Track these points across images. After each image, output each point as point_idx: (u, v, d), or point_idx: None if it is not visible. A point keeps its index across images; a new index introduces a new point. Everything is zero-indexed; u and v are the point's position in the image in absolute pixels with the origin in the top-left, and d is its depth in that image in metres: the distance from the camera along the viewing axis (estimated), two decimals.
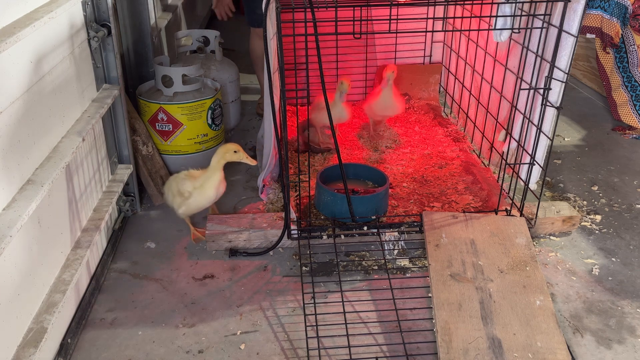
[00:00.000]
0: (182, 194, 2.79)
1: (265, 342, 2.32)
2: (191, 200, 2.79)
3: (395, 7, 3.21)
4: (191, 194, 2.78)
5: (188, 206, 2.82)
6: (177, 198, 2.82)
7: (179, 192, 2.80)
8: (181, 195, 2.80)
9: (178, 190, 2.80)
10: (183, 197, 2.79)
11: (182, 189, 2.79)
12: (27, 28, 1.93)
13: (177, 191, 2.81)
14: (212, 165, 2.78)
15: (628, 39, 4.19)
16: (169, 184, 2.89)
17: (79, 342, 2.32)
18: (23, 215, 1.81)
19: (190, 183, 2.78)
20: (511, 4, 2.78)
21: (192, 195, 2.78)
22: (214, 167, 2.77)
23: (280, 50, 2.46)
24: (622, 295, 2.60)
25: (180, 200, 2.81)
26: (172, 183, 2.86)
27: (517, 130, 3.05)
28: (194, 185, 2.77)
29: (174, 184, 2.84)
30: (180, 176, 2.85)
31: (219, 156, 2.76)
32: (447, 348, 2.19)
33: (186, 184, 2.79)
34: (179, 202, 2.82)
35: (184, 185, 2.79)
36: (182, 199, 2.80)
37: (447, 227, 2.78)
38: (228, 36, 6.08)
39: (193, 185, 2.77)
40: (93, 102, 2.63)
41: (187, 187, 2.78)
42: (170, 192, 2.86)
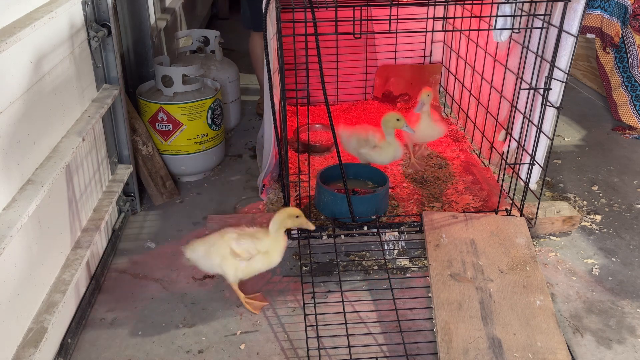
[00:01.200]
0: (241, 255, 2.39)
1: (265, 342, 2.32)
2: (254, 263, 2.41)
3: (395, 7, 3.21)
4: (254, 256, 2.40)
5: (249, 269, 2.42)
6: (230, 260, 2.39)
7: (233, 253, 2.39)
8: (238, 256, 2.39)
9: (233, 251, 2.38)
10: (242, 258, 2.39)
11: (242, 249, 2.38)
12: (27, 28, 1.93)
13: (229, 252, 2.39)
14: (274, 232, 2.42)
15: (628, 39, 4.19)
16: (211, 246, 2.42)
17: (79, 342, 2.32)
18: (23, 215, 1.81)
19: (253, 244, 2.40)
20: (511, 4, 2.78)
21: (254, 258, 2.41)
22: (278, 233, 2.43)
23: (280, 50, 2.46)
24: (622, 295, 2.60)
25: (237, 263, 2.40)
26: (217, 243, 2.41)
27: (517, 130, 3.05)
28: (258, 248, 2.41)
29: (222, 244, 2.40)
30: (230, 236, 2.42)
31: (280, 222, 2.41)
32: (447, 348, 2.19)
33: (247, 244, 2.39)
34: (233, 264, 2.39)
35: (246, 245, 2.39)
36: (239, 261, 2.40)
37: (447, 227, 2.78)
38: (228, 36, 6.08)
39: (257, 248, 2.40)
40: (93, 102, 2.63)
41: (251, 249, 2.39)
42: (217, 255, 2.40)
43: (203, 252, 2.43)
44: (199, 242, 2.46)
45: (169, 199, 3.27)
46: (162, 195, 3.24)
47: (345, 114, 4.18)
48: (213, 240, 2.44)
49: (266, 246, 2.42)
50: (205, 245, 2.43)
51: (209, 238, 2.46)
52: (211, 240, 2.45)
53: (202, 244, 2.44)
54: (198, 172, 3.48)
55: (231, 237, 2.41)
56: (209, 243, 2.44)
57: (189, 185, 3.44)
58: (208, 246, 2.43)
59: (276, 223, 2.42)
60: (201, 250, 2.43)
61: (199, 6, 6.12)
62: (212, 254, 2.41)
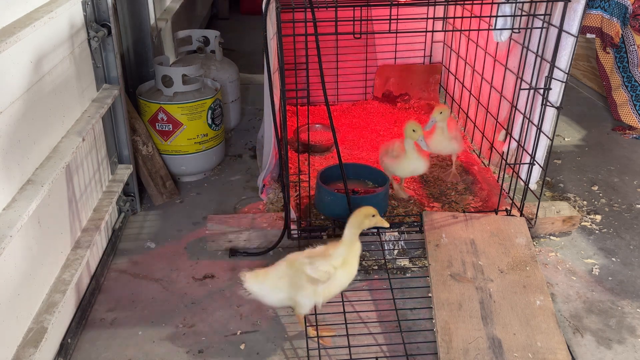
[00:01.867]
0: (320, 279, 2.14)
1: (265, 342, 2.32)
2: (334, 281, 2.17)
3: (395, 7, 3.21)
4: (331, 275, 2.16)
5: (329, 290, 2.18)
6: (308, 288, 2.15)
7: (311, 280, 2.14)
8: (316, 281, 2.14)
9: (310, 278, 2.13)
10: (319, 282, 2.15)
11: (320, 272, 2.13)
12: (27, 28, 1.93)
13: (305, 280, 2.14)
14: (349, 237, 2.20)
15: (628, 39, 4.19)
16: (279, 278, 2.17)
17: (79, 342, 2.32)
18: (23, 215, 1.81)
19: (328, 262, 2.17)
20: (511, 4, 2.78)
21: (333, 275, 2.17)
22: (352, 238, 2.21)
23: (280, 50, 2.46)
24: (622, 295, 2.60)
25: (313, 289, 2.15)
26: (287, 274, 2.17)
27: (517, 130, 3.05)
28: (334, 264, 2.17)
29: (294, 273, 2.16)
30: (301, 262, 2.17)
31: (357, 224, 2.20)
32: (447, 348, 2.19)
33: (322, 264, 2.15)
34: (310, 292, 2.15)
35: (322, 266, 2.14)
36: (316, 286, 2.16)
37: (447, 227, 2.78)
38: (228, 36, 6.08)
39: (333, 265, 2.17)
40: (93, 102, 2.63)
41: (328, 268, 2.15)
42: (290, 287, 2.16)
43: (270, 285, 2.17)
44: (263, 274, 2.19)
45: (169, 199, 3.27)
46: (162, 195, 3.24)
47: (345, 114, 4.18)
48: (281, 272, 2.18)
49: (341, 258, 2.19)
50: (272, 279, 2.17)
51: (275, 269, 2.20)
52: (278, 271, 2.19)
53: (269, 277, 2.18)
54: (198, 172, 3.48)
55: (303, 263, 2.16)
56: (276, 275, 2.18)
57: (189, 185, 3.44)
58: (276, 279, 2.17)
59: (354, 226, 2.20)
60: (268, 284, 2.17)
61: (199, 6, 6.12)
62: (283, 286, 2.16)
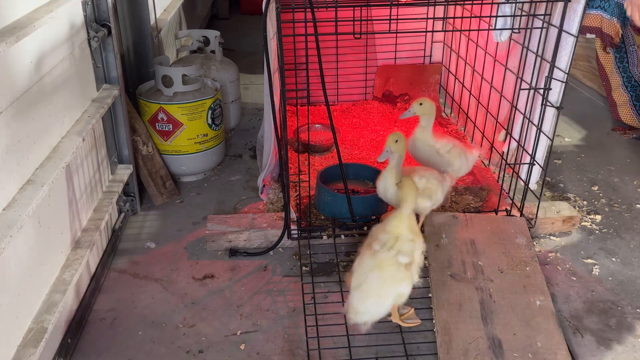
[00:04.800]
0: (414, 259, 2.10)
1: (265, 342, 2.32)
2: (416, 257, 2.13)
3: (395, 7, 3.21)
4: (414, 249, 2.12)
5: (418, 264, 2.13)
6: (406, 278, 2.08)
7: (406, 267, 2.08)
8: (411, 265, 2.09)
9: (404, 265, 2.07)
10: (413, 262, 2.10)
11: (408, 253, 2.09)
12: (27, 28, 1.93)
13: (401, 271, 2.07)
14: (407, 211, 2.15)
15: (628, 39, 4.19)
16: (373, 289, 2.04)
17: (79, 342, 2.32)
18: (23, 215, 1.81)
19: (407, 240, 2.12)
20: (511, 4, 2.78)
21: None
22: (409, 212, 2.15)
23: (280, 50, 2.46)
24: (622, 295, 2.60)
25: (410, 272, 2.10)
26: (384, 276, 2.05)
27: (517, 130, 3.05)
28: (409, 238, 2.13)
29: (390, 271, 2.05)
30: (387, 256, 2.07)
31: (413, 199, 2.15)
32: (447, 348, 2.19)
33: (406, 244, 2.10)
34: (408, 279, 2.09)
35: (407, 246, 2.10)
36: (411, 268, 2.10)
37: (447, 227, 2.78)
38: (228, 36, 6.09)
39: (410, 239, 2.13)
40: (93, 102, 2.63)
41: (408, 246, 2.11)
42: (391, 286, 2.07)
43: (375, 299, 2.04)
44: (360, 295, 2.04)
45: (169, 199, 3.27)
46: (162, 195, 3.24)
47: (345, 114, 4.18)
48: (373, 281, 2.04)
49: (409, 232, 2.13)
50: (368, 292, 2.04)
51: (363, 283, 2.04)
52: (371, 282, 2.04)
53: (365, 292, 2.04)
54: (198, 172, 3.48)
55: (390, 256, 2.06)
56: (370, 287, 2.04)
57: (189, 185, 3.44)
58: (372, 293, 2.04)
59: (411, 201, 2.14)
60: (372, 301, 2.04)
61: (199, 6, 6.12)
62: (387, 292, 2.05)
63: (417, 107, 2.76)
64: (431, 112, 2.78)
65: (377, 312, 2.08)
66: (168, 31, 4.40)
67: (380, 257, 2.08)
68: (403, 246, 2.09)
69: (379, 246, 2.10)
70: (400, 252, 2.08)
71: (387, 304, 2.09)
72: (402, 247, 2.09)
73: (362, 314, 2.06)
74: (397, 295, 2.09)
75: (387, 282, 2.05)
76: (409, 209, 2.15)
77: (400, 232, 2.12)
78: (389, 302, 2.09)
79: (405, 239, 2.12)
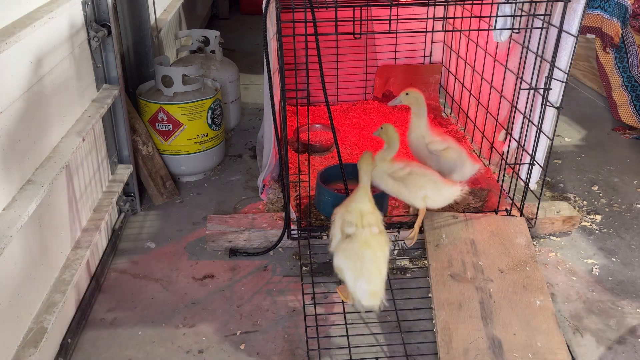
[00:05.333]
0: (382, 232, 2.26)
1: (265, 342, 2.32)
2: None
3: (395, 7, 3.21)
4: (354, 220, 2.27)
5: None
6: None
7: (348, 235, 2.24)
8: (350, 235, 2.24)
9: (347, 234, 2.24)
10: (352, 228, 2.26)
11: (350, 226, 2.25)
12: (27, 28, 1.93)
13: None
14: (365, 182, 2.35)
15: (628, 39, 4.19)
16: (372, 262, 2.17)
17: (79, 342, 2.32)
18: (23, 215, 1.81)
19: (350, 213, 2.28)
20: (511, 4, 2.78)
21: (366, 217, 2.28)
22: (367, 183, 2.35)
23: (280, 50, 2.46)
24: (622, 295, 2.60)
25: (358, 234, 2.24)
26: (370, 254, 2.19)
27: (517, 130, 3.05)
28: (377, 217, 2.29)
29: (372, 244, 2.20)
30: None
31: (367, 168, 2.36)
32: (447, 348, 2.19)
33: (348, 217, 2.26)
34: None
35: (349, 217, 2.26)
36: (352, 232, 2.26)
37: (447, 227, 2.78)
38: (228, 36, 6.09)
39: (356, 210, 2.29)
40: (93, 102, 2.63)
41: (351, 217, 2.26)
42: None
43: (379, 276, 2.16)
44: (369, 280, 2.15)
45: (169, 199, 3.27)
46: (162, 195, 3.24)
47: (345, 114, 4.18)
48: (371, 263, 2.17)
49: (370, 205, 2.30)
50: (372, 273, 2.15)
51: (362, 268, 2.16)
52: (369, 265, 2.16)
53: (370, 275, 2.15)
54: (198, 172, 3.48)
55: (368, 233, 2.21)
56: (371, 269, 2.16)
57: (189, 185, 3.44)
58: (375, 272, 2.16)
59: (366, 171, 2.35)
60: (379, 279, 2.16)
61: (199, 6, 6.12)
62: (382, 266, 2.18)
63: (404, 97, 2.95)
64: (418, 102, 2.92)
65: (383, 285, 2.18)
66: (168, 31, 4.40)
67: (362, 237, 2.19)
68: (370, 219, 2.24)
69: (352, 229, 2.22)
70: (370, 224, 2.23)
71: (385, 274, 2.21)
72: (370, 220, 2.24)
73: (379, 294, 2.15)
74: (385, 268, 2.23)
75: (380, 257, 2.19)
76: (363, 182, 2.33)
77: (362, 207, 2.27)
78: (385, 272, 2.21)
79: (368, 212, 2.27)
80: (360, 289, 2.15)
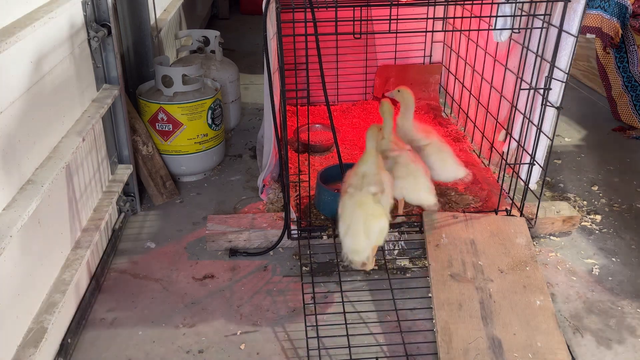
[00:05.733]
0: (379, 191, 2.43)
1: (266, 342, 2.32)
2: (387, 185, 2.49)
3: (395, 7, 3.21)
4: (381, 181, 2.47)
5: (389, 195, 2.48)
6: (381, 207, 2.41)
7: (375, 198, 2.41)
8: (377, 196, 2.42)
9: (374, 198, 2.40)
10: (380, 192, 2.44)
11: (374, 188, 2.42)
12: (27, 28, 1.93)
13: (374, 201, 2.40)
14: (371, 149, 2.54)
15: (628, 39, 4.19)
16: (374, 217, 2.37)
17: (79, 342, 2.32)
18: (23, 215, 1.81)
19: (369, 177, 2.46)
20: (511, 4, 2.78)
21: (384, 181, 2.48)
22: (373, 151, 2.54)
23: (280, 50, 2.46)
24: (622, 295, 2.60)
25: (383, 201, 2.45)
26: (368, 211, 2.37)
27: (517, 130, 3.05)
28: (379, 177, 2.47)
29: (369, 207, 2.38)
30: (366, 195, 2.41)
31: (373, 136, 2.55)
32: (447, 348, 2.19)
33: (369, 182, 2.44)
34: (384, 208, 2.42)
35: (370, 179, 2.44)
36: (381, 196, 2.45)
37: (447, 227, 2.78)
38: (228, 36, 6.09)
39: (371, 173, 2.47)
40: (93, 102, 2.63)
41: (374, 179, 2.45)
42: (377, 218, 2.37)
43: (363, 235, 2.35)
44: (353, 235, 2.35)
45: (169, 199, 3.27)
46: (162, 195, 3.24)
47: (345, 114, 4.18)
48: (359, 219, 2.35)
49: (375, 168, 2.46)
50: (357, 230, 2.34)
51: (350, 224, 2.36)
52: (357, 222, 2.35)
53: (355, 231, 2.34)
54: (198, 172, 3.48)
55: (364, 193, 2.38)
56: (357, 225, 2.34)
57: (189, 185, 3.44)
58: (360, 229, 2.34)
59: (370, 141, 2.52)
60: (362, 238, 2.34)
61: (199, 6, 6.12)
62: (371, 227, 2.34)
63: (396, 93, 3.12)
64: (407, 101, 3.05)
65: (368, 245, 2.34)
66: (168, 31, 4.40)
67: (357, 198, 2.38)
68: (370, 180, 2.41)
69: (353, 189, 2.42)
70: (370, 184, 2.39)
71: (374, 238, 2.35)
72: (370, 180, 2.41)
73: (361, 252, 2.33)
74: (380, 230, 2.35)
75: (369, 217, 2.33)
76: (369, 148, 2.52)
77: (365, 170, 2.46)
78: (374, 237, 2.34)
79: (371, 173, 2.44)
80: (345, 245, 2.37)
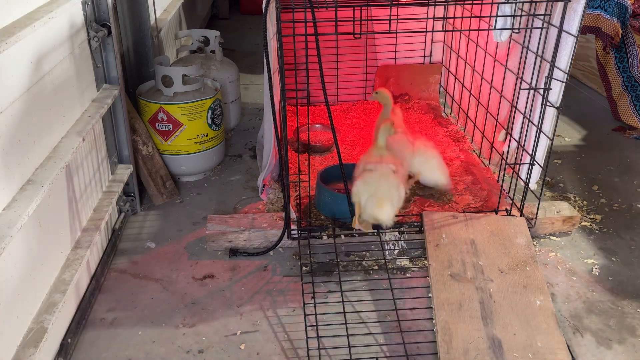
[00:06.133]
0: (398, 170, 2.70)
1: (266, 342, 2.32)
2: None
3: (395, 7, 3.21)
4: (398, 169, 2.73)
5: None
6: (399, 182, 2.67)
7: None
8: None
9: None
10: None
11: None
12: (27, 28, 1.93)
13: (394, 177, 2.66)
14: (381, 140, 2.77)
15: (628, 39, 4.19)
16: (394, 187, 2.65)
17: (79, 342, 2.32)
18: (23, 215, 1.81)
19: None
20: (511, 4, 2.78)
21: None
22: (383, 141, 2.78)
23: (280, 50, 2.46)
24: (622, 295, 2.60)
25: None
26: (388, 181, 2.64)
27: (517, 130, 3.05)
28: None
29: (391, 178, 2.65)
30: (388, 168, 2.69)
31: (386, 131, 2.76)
32: (447, 348, 2.19)
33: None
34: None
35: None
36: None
37: (447, 227, 2.78)
38: (228, 36, 6.09)
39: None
40: (93, 102, 2.63)
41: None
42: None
43: (390, 202, 2.59)
44: (378, 199, 2.58)
45: (169, 199, 3.27)
46: (162, 195, 3.24)
47: (345, 114, 4.18)
48: (384, 186, 2.60)
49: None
50: (383, 195, 2.58)
51: (376, 190, 2.59)
52: (383, 188, 2.59)
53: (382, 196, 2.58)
54: (198, 172, 3.48)
55: (387, 168, 2.63)
56: (383, 191, 2.59)
57: (189, 185, 3.44)
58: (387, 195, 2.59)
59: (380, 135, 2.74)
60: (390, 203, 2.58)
61: (199, 6, 6.12)
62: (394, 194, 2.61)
63: (374, 95, 3.26)
64: (385, 101, 3.16)
65: (392, 208, 2.58)
66: (168, 31, 4.40)
67: (381, 170, 2.62)
68: (388, 161, 2.66)
69: (373, 166, 2.64)
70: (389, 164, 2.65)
71: (396, 204, 2.60)
72: (389, 161, 2.66)
73: (386, 210, 2.55)
74: (399, 197, 2.61)
75: (393, 186, 2.59)
76: (380, 141, 2.74)
77: (381, 154, 2.70)
78: (397, 204, 2.61)
79: (386, 155, 2.70)
80: (370, 203, 2.56)
